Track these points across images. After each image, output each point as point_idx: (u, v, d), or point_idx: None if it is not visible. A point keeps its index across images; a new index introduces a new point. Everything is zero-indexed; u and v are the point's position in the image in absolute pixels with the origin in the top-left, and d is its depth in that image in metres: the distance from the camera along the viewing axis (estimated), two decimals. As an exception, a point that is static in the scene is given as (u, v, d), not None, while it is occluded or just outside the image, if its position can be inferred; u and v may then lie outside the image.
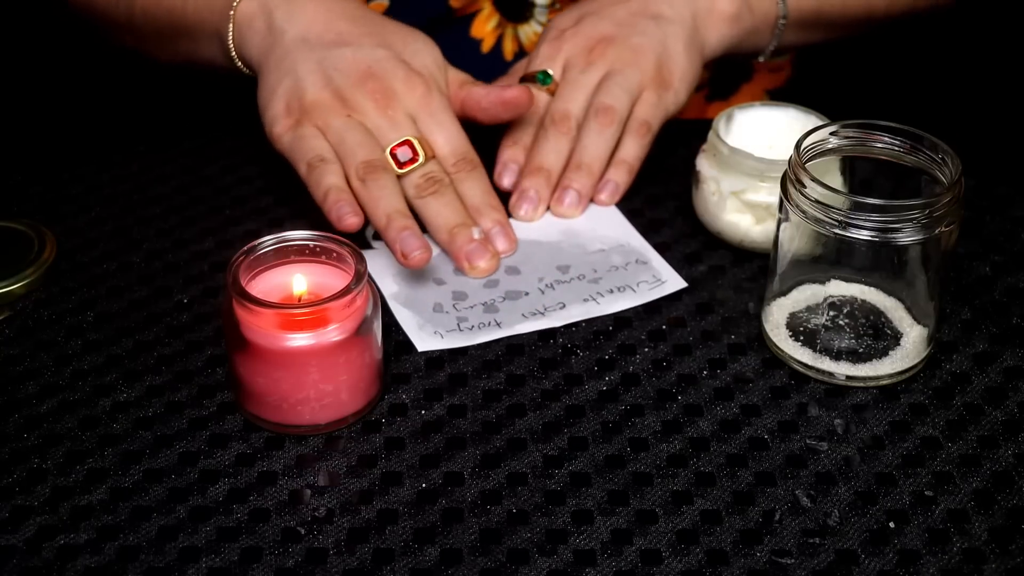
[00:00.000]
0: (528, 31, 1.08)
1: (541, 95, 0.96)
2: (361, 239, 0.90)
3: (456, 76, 0.94)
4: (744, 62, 1.06)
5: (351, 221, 0.84)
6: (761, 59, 1.03)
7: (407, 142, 0.88)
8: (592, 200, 0.94)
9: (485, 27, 1.08)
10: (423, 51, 0.93)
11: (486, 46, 1.09)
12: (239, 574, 0.67)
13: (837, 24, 1.05)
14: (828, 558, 0.68)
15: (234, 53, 0.95)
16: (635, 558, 0.68)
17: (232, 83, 0.99)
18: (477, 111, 0.92)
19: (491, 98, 0.91)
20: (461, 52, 1.03)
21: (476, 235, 0.88)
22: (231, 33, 0.94)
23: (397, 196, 0.86)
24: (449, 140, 0.90)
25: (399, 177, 0.88)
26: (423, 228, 0.88)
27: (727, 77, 1.16)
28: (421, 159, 0.88)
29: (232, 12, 0.93)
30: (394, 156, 0.88)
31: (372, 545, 0.69)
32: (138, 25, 1.00)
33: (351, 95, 0.89)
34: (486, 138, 0.95)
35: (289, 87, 0.90)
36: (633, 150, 0.93)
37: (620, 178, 0.93)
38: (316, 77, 0.89)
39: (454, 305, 0.85)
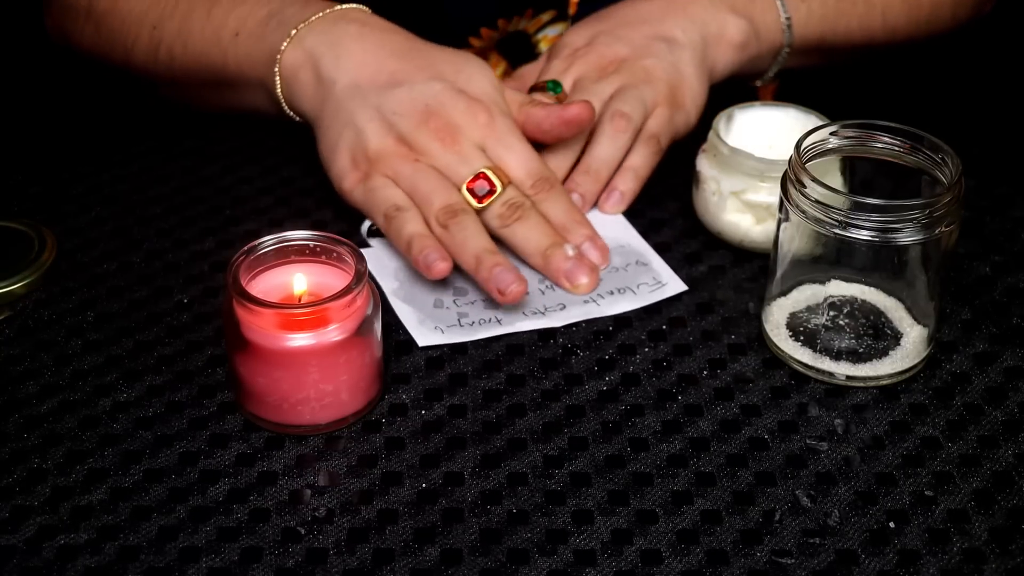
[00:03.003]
0: None
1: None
2: (361, 238, 0.90)
3: (513, 97, 0.91)
4: (742, 84, 1.06)
5: (441, 267, 0.82)
6: (759, 83, 1.04)
7: (482, 175, 0.86)
8: (598, 209, 0.93)
9: None
10: (477, 75, 0.90)
11: None
12: (239, 574, 0.67)
13: (837, 53, 1.05)
14: (828, 558, 0.68)
15: (285, 106, 0.93)
16: (635, 558, 0.68)
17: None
18: (538, 133, 0.90)
19: (552, 119, 0.89)
20: None
21: (570, 252, 0.86)
22: (279, 86, 0.92)
23: (482, 235, 0.84)
24: (522, 163, 0.88)
25: (480, 211, 0.86)
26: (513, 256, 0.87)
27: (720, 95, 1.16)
28: (499, 189, 0.86)
29: (276, 65, 0.91)
30: (471, 191, 0.85)
31: (372, 545, 0.69)
32: (179, 80, 0.98)
33: (415, 138, 0.87)
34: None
35: (351, 139, 0.87)
36: (641, 159, 0.93)
37: (627, 186, 0.93)
38: (376, 125, 0.87)
39: (454, 301, 0.85)
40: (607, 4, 1.00)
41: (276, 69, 0.91)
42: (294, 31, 0.91)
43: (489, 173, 0.86)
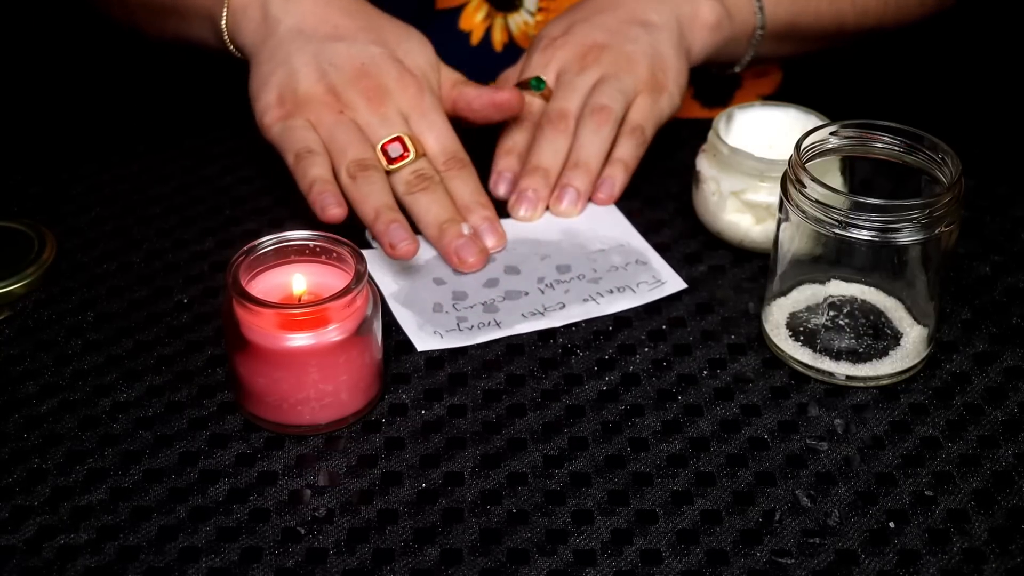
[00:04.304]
0: (518, 20, 1.08)
1: (535, 100, 0.96)
2: (361, 239, 0.90)
3: (449, 75, 0.94)
4: (720, 74, 1.06)
5: (334, 212, 0.85)
6: (738, 69, 1.04)
7: (398, 138, 0.89)
8: (590, 199, 0.94)
9: (473, 19, 1.08)
10: (417, 50, 0.93)
11: (475, 38, 1.09)
12: (239, 574, 0.67)
13: (810, 36, 1.06)
14: (828, 558, 0.68)
15: (227, 38, 0.95)
16: (635, 558, 0.68)
17: (232, 82, 0.99)
18: (468, 112, 0.93)
19: (482, 100, 0.92)
20: (450, 45, 1.03)
21: (465, 231, 0.88)
22: (225, 18, 0.94)
23: (386, 192, 0.87)
24: (439, 139, 0.91)
25: (389, 174, 0.89)
26: (413, 226, 0.88)
27: (719, 85, 1.16)
28: (411, 156, 0.89)
29: None
30: (385, 152, 0.89)
31: (372, 545, 0.69)
32: (129, 1, 1.00)
33: (344, 91, 0.90)
34: (482, 141, 0.95)
35: (282, 78, 0.90)
36: (628, 150, 0.94)
37: (617, 175, 0.93)
38: (310, 70, 0.90)
39: (454, 305, 0.85)
40: None
41: (226, 1, 0.94)
42: None
43: (406, 139, 0.89)
